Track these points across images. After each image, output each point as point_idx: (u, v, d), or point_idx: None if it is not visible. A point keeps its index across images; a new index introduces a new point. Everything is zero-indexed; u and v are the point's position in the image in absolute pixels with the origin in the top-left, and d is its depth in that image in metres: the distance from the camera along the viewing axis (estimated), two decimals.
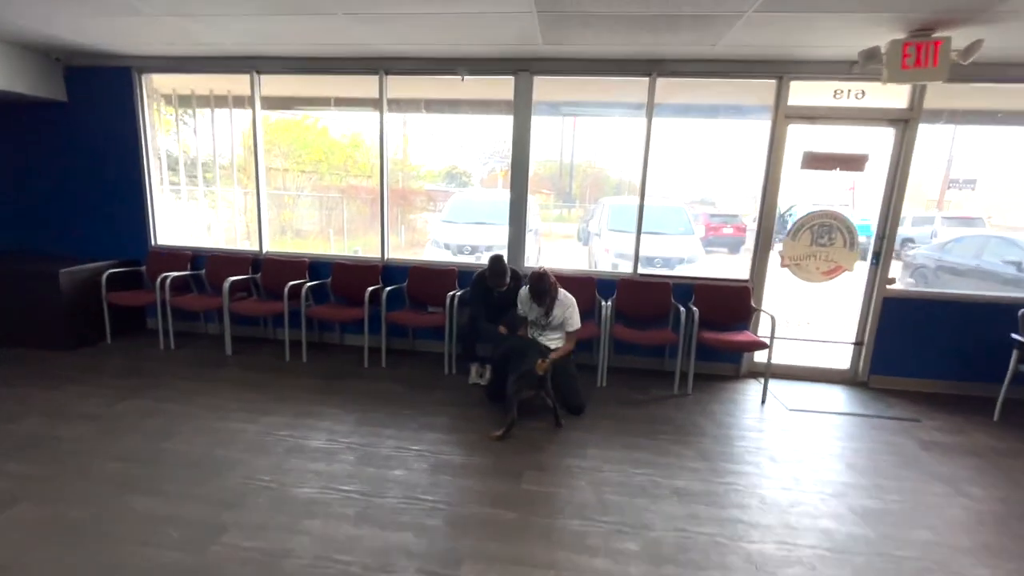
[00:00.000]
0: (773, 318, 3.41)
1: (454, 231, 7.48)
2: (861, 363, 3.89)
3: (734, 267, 10.95)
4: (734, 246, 13.13)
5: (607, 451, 2.70)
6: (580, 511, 2.21)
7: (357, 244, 14.68)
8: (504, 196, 4.08)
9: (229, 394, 3.22)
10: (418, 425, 2.90)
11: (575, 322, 3.19)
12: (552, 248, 12.69)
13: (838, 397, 3.63)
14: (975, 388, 3.68)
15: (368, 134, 4.44)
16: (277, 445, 2.62)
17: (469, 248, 7.23)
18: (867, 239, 3.84)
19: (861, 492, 2.43)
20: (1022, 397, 3.39)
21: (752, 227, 4.17)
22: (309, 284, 3.95)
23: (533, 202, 8.87)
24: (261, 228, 4.35)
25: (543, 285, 3.03)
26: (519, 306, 3.27)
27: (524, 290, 3.22)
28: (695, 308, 3.56)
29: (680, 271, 6.78)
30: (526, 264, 4.08)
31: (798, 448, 2.82)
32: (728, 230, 13.20)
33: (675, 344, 3.50)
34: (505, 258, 3.52)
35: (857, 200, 4.36)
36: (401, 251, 10.96)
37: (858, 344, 3.90)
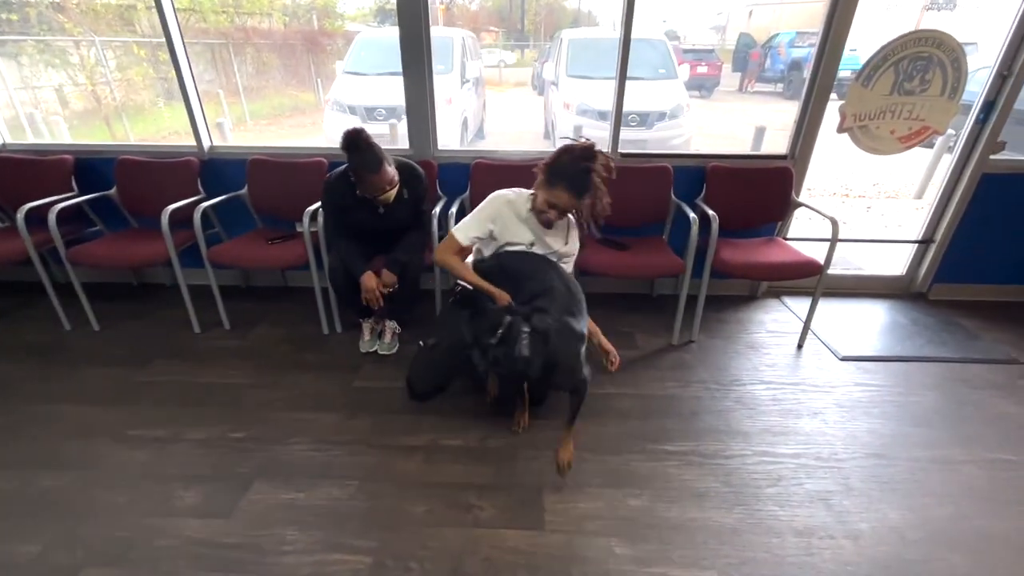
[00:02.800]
0: (835, 223, 2.13)
1: (360, 87, 5.44)
2: (923, 268, 2.77)
3: (715, 117, 9.28)
4: (706, 88, 11.30)
5: (580, 495, 1.56)
6: None
7: (263, 107, 11.92)
8: (439, 32, 2.30)
9: None
10: (254, 467, 1.65)
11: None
12: (502, 103, 10.53)
13: (897, 324, 2.56)
14: None
15: None
16: None
17: (383, 112, 5.32)
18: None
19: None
20: None
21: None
22: (67, 202, 2.31)
23: (471, 43, 6.71)
24: None
25: (584, 165, 1.56)
26: (491, 226, 1.68)
27: (512, 195, 1.68)
28: (709, 210, 2.22)
29: (662, 131, 5.26)
30: (440, 145, 2.52)
31: (881, 451, 1.76)
32: (702, 68, 11.23)
33: (681, 273, 2.22)
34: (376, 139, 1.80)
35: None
36: (320, 114, 8.57)
37: (925, 242, 2.74)
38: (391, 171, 1.82)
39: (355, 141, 1.73)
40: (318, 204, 2.19)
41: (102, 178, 2.54)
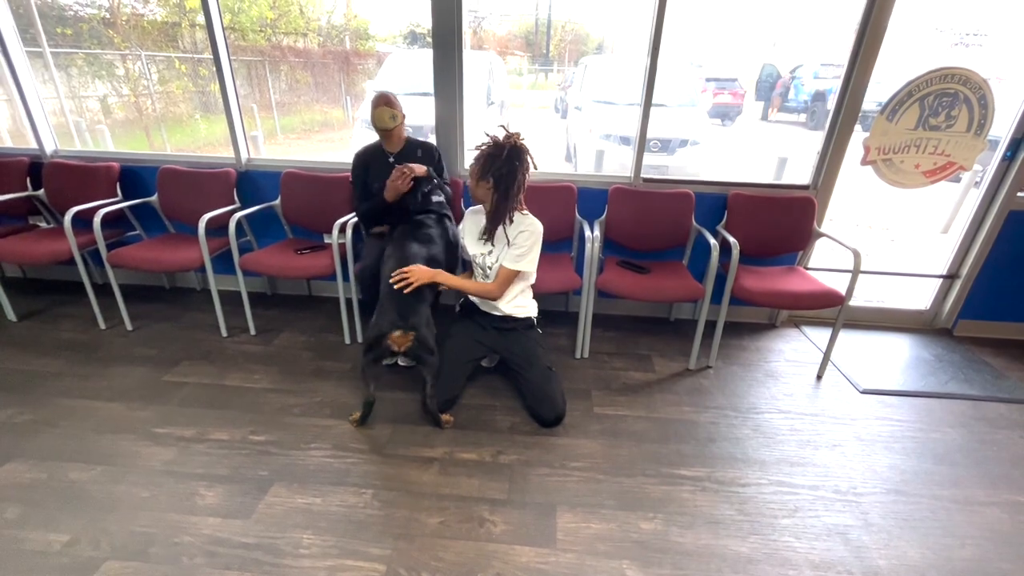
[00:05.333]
0: (857, 254, 2.13)
1: None
2: (948, 304, 2.73)
3: (737, 145, 9.29)
4: (729, 117, 11.35)
5: (593, 516, 1.56)
6: None
7: (294, 122, 12.24)
8: (466, 55, 2.45)
9: None
10: (273, 470, 1.69)
11: (526, 260, 1.89)
12: (524, 124, 10.70)
13: (920, 359, 2.52)
14: None
15: None
16: None
17: (410, 131, 5.45)
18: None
19: None
20: None
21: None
22: (114, 206, 2.43)
23: (497, 66, 6.89)
24: (30, 112, 2.65)
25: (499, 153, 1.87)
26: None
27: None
28: (730, 236, 2.24)
29: (682, 157, 5.30)
30: (466, 165, 2.59)
31: (901, 487, 1.73)
32: (725, 97, 11.30)
33: (700, 298, 2.23)
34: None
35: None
36: (348, 131, 8.82)
37: (950, 277, 2.71)
38: (394, 111, 2.16)
39: (385, 95, 2.17)
40: (347, 217, 2.27)
41: (144, 185, 2.66)
